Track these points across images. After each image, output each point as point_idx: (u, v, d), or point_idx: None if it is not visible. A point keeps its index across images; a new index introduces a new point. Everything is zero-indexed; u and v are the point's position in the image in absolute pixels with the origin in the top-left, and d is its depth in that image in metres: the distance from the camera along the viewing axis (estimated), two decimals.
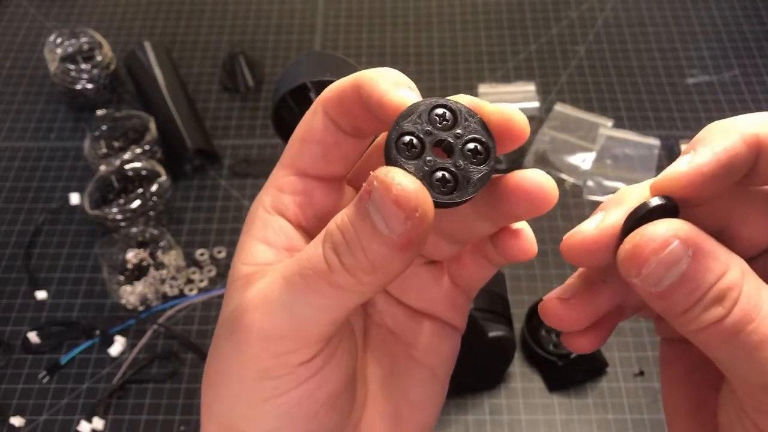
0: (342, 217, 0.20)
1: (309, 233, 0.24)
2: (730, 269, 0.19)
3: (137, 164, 0.77)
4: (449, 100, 0.21)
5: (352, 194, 0.25)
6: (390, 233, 0.19)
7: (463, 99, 0.22)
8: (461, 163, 0.21)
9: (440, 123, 0.21)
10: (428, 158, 0.21)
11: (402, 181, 0.19)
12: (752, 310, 0.19)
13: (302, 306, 0.20)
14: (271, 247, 0.23)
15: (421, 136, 0.21)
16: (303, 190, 0.23)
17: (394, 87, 0.21)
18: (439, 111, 0.21)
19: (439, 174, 0.21)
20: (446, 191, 0.21)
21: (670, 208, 0.20)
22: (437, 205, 0.20)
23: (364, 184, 0.20)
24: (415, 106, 0.21)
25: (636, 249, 0.19)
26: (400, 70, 0.23)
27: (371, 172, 0.20)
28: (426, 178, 0.20)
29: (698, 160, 0.20)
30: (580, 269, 0.24)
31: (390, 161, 0.20)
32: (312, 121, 0.23)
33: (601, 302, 0.23)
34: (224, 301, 0.24)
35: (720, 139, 0.20)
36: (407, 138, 0.21)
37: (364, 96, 0.22)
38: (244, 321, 0.21)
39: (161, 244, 0.73)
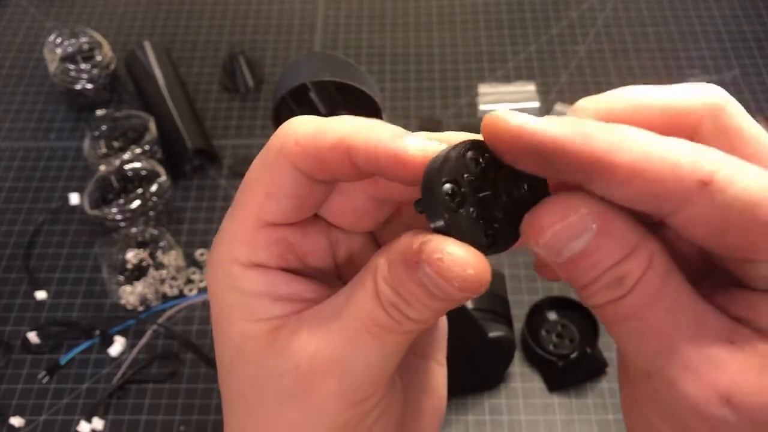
0: (390, 276, 0.20)
1: (293, 272, 0.24)
2: (636, 252, 0.18)
3: (137, 164, 0.77)
4: (468, 141, 0.20)
5: (320, 221, 0.24)
6: (449, 297, 0.19)
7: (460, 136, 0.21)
8: (506, 200, 0.20)
9: (475, 168, 0.20)
10: (471, 209, 0.20)
11: (461, 271, 0.19)
12: (649, 298, 0.18)
13: (377, 357, 0.21)
14: (278, 300, 0.22)
15: (464, 189, 0.20)
16: (277, 239, 0.22)
17: (400, 139, 0.20)
18: (470, 154, 0.20)
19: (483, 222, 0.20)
20: (490, 240, 0.20)
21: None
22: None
23: (402, 247, 0.20)
24: (446, 157, 0.20)
25: (533, 219, 0.19)
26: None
27: (418, 243, 0.19)
28: (475, 231, 0.20)
29: (535, 127, 0.18)
30: None
31: (439, 228, 0.20)
32: (278, 175, 0.21)
33: None
34: (242, 361, 0.22)
35: (561, 129, 0.18)
36: (449, 190, 0.20)
37: (361, 159, 0.20)
38: (317, 386, 0.21)
39: (161, 244, 0.73)
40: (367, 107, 0.54)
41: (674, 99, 0.20)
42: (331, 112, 0.54)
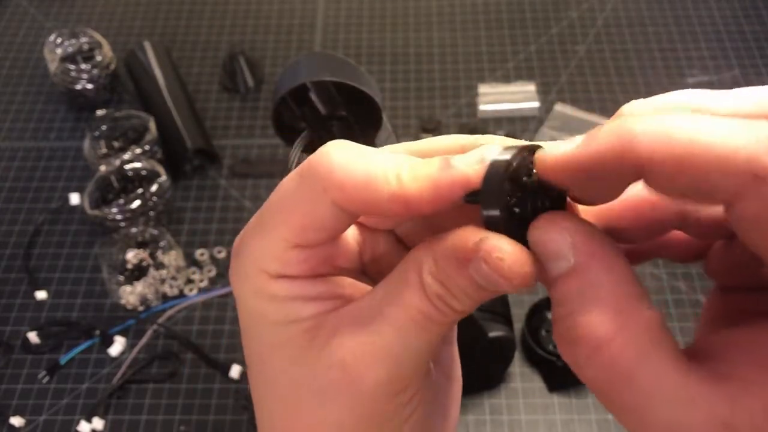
0: (437, 271, 0.20)
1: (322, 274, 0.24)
2: (603, 314, 0.18)
3: (137, 164, 0.77)
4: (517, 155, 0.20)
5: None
6: (499, 290, 0.20)
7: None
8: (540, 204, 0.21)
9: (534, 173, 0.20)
10: (522, 210, 0.20)
11: (520, 269, 0.19)
12: (616, 375, 0.17)
13: (423, 346, 0.21)
14: (309, 301, 0.23)
15: (521, 190, 0.20)
16: (308, 257, 0.23)
17: (451, 169, 0.20)
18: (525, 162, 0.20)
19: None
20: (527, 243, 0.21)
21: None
22: None
23: (454, 244, 0.20)
24: (513, 158, 0.20)
25: (534, 224, 0.20)
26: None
27: (473, 241, 0.20)
28: (522, 232, 0.20)
29: (568, 153, 0.19)
30: None
31: (492, 220, 0.20)
32: (317, 212, 0.21)
33: None
34: (278, 362, 0.23)
35: (598, 141, 0.18)
36: (509, 186, 0.20)
37: (422, 207, 0.21)
38: (366, 376, 0.21)
39: (161, 244, 0.73)
40: (367, 107, 0.54)
41: (734, 107, 0.18)
42: (331, 112, 0.54)
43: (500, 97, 0.87)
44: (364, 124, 0.55)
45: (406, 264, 0.22)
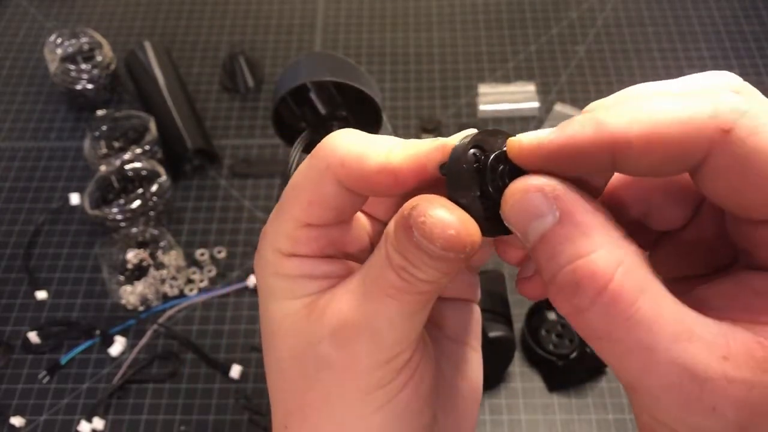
0: (396, 241, 0.21)
1: (332, 256, 0.25)
2: (596, 254, 0.18)
3: (137, 164, 0.77)
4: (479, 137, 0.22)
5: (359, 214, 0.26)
6: (441, 257, 0.20)
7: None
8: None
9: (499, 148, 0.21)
10: (486, 182, 0.21)
11: (441, 231, 0.20)
12: (618, 317, 0.17)
13: (399, 317, 0.22)
14: (315, 279, 0.24)
15: (487, 161, 0.21)
16: (317, 236, 0.24)
17: (438, 141, 0.22)
18: (500, 137, 0.21)
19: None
20: (489, 213, 0.21)
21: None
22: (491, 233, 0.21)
23: (400, 213, 0.21)
24: (481, 132, 0.21)
25: (507, 189, 0.20)
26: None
27: (408, 208, 0.20)
28: (479, 201, 0.21)
29: (542, 139, 0.19)
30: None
31: (453, 192, 0.21)
32: (322, 189, 0.23)
33: None
34: (282, 336, 0.24)
35: (573, 128, 0.19)
36: (474, 153, 0.21)
37: (409, 180, 0.22)
38: (350, 346, 0.22)
39: (161, 244, 0.73)
40: (367, 107, 0.54)
41: (685, 87, 0.20)
42: (331, 112, 0.54)
43: (500, 97, 0.87)
44: (364, 124, 0.55)
45: (382, 237, 0.22)
